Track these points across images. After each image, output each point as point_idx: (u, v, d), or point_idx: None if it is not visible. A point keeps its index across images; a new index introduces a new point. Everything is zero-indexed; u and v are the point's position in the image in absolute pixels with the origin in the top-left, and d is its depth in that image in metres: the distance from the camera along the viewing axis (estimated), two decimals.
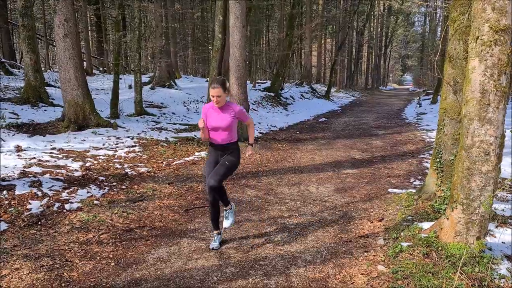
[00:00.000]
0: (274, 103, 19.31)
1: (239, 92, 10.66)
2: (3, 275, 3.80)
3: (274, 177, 7.70)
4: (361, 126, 15.19)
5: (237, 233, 4.99)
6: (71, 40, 9.51)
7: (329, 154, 9.91)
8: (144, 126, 11.39)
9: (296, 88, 25.03)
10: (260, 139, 11.63)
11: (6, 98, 11.46)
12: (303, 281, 3.85)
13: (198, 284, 3.79)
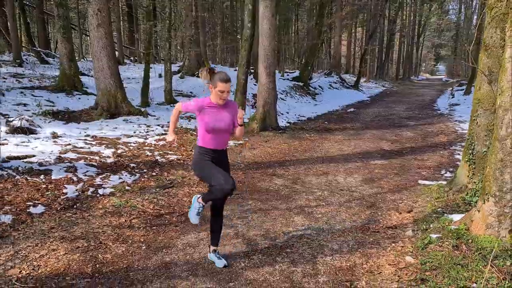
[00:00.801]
0: (302, 93, 19.21)
1: (267, 81, 10.67)
2: (41, 255, 3.98)
3: (301, 166, 7.71)
4: (391, 117, 14.95)
5: (265, 221, 5.05)
6: (104, 30, 9.72)
7: (357, 144, 9.82)
8: None
9: (325, 78, 24.80)
10: (288, 129, 11.64)
11: (42, 86, 11.85)
12: (330, 270, 3.87)
13: (226, 269, 3.86)
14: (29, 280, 3.57)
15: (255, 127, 10.83)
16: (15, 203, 5.02)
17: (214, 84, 3.63)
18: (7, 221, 4.58)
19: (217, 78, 3.62)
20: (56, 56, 18.43)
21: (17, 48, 16.08)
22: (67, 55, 11.70)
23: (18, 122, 7.76)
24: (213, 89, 3.64)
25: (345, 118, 14.84)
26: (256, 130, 10.75)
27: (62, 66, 11.90)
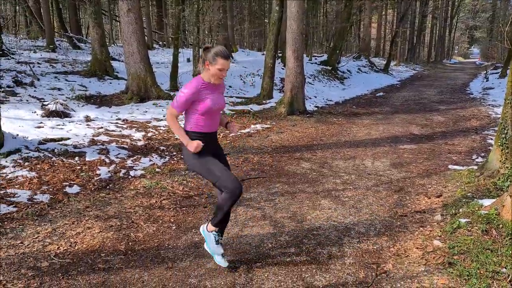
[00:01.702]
0: (330, 77, 19.00)
1: (295, 65, 10.62)
2: (77, 233, 4.17)
3: (329, 150, 7.70)
4: (421, 101, 14.64)
5: (292, 203, 5.10)
6: (134, 15, 9.86)
7: (386, 129, 9.70)
8: None
9: (354, 61, 24.42)
10: (315, 113, 11.58)
11: (75, 71, 12.16)
12: (356, 252, 3.91)
13: (254, 250, 3.95)
14: (66, 255, 3.75)
15: (283, 111, 10.83)
16: (52, 183, 5.24)
17: (213, 61, 3.15)
18: (45, 200, 4.80)
19: (216, 54, 3.14)
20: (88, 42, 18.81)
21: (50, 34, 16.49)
22: (99, 40, 11.94)
23: (53, 106, 8.02)
24: (211, 67, 3.17)
25: (373, 102, 14.63)
26: (284, 114, 10.75)
27: (93, 51, 12.16)
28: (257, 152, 7.40)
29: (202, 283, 3.38)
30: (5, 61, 11.83)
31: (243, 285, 3.36)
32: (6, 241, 3.92)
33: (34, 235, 4.07)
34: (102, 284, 3.34)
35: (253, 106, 11.53)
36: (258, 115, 10.54)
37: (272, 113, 11.02)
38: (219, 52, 3.16)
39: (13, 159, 5.71)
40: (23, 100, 8.69)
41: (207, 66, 3.19)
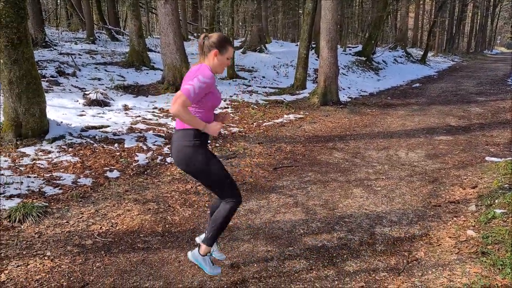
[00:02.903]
0: (365, 68, 18.75)
1: (329, 56, 10.57)
2: (118, 214, 4.39)
3: (362, 141, 7.68)
4: (459, 92, 14.25)
5: (324, 192, 5.16)
6: (170, 6, 10.06)
7: (421, 120, 9.55)
8: (235, 89, 11.83)
9: (389, 52, 23.95)
10: (349, 104, 11.51)
11: (114, 62, 12.55)
12: (388, 240, 3.94)
13: (286, 235, 4.05)
14: (108, 235, 3.97)
15: (316, 102, 10.83)
16: (94, 168, 5.51)
17: (223, 49, 2.90)
18: (88, 183, 5.06)
19: (226, 42, 2.92)
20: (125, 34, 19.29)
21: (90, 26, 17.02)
22: (136, 31, 12.26)
23: (94, 95, 8.35)
24: (219, 56, 2.90)
25: (409, 93, 14.37)
26: (317, 104, 10.74)
27: (131, 43, 12.50)
28: (289, 142, 7.48)
29: (235, 264, 3.51)
30: (48, 52, 12.34)
31: (275, 267, 3.46)
32: (53, 220, 4.18)
33: (78, 215, 4.32)
34: (141, 262, 3.53)
35: (286, 97, 11.58)
36: (291, 105, 10.58)
37: (305, 103, 11.04)
38: (228, 40, 2.95)
39: (57, 145, 6.03)
40: (66, 89, 9.08)
41: (214, 56, 2.88)
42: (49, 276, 3.28)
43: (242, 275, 3.35)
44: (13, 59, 5.60)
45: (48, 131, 6.21)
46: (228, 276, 3.33)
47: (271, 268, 3.44)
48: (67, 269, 3.39)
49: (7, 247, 3.65)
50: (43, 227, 4.04)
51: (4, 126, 5.94)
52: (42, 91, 6.14)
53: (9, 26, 5.50)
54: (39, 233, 3.92)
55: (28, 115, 5.89)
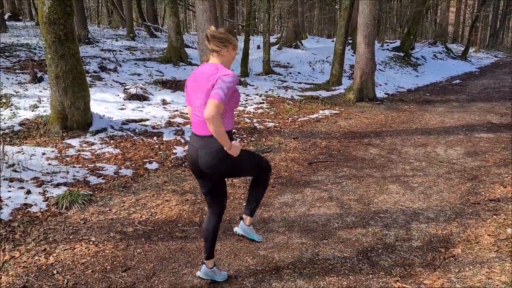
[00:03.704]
0: (402, 64, 18.38)
1: (366, 51, 10.45)
2: (157, 204, 4.55)
3: (398, 137, 7.58)
4: (502, 89, 13.76)
5: (359, 187, 5.15)
6: (208, 3, 10.19)
7: (461, 117, 9.31)
8: (271, 84, 11.89)
9: (429, 48, 23.34)
10: (385, 100, 11.35)
11: (152, 58, 12.86)
12: (424, 236, 3.91)
13: (320, 228, 4.09)
14: (148, 223, 4.13)
15: (352, 98, 10.74)
16: (134, 160, 5.71)
17: (235, 42, 2.73)
18: (129, 174, 5.26)
19: (234, 35, 2.73)
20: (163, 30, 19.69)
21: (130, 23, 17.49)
22: (174, 28, 12.51)
23: (134, 89, 8.61)
24: (232, 52, 2.73)
25: (449, 90, 13.99)
26: (352, 100, 10.65)
27: (169, 39, 12.77)
28: (325, 137, 7.47)
29: (270, 255, 3.58)
30: (90, 48, 12.79)
31: (310, 259, 3.51)
32: (97, 208, 4.38)
33: (120, 204, 4.51)
34: (179, 250, 3.66)
35: (321, 92, 11.54)
36: (327, 101, 10.54)
37: (341, 99, 10.97)
38: (235, 33, 2.76)
39: (100, 137, 6.28)
40: (108, 84, 9.41)
41: (229, 52, 2.70)
42: (94, 260, 3.46)
43: (276, 265, 3.41)
44: (60, 55, 5.87)
45: (91, 124, 6.48)
46: (263, 265, 3.41)
47: (306, 260, 3.50)
48: (110, 254, 3.56)
49: (55, 232, 3.87)
50: (88, 214, 4.24)
51: (51, 118, 6.24)
52: (87, 86, 6.40)
53: (56, 22, 5.76)
54: (84, 220, 4.12)
55: (74, 108, 6.16)
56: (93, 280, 3.18)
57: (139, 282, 3.17)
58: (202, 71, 2.69)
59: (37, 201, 4.29)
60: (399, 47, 19.97)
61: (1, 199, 4.18)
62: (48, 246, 3.62)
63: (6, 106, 7.02)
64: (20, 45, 12.29)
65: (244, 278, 3.23)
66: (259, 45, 17.19)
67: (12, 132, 6.08)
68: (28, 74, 8.90)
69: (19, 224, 3.89)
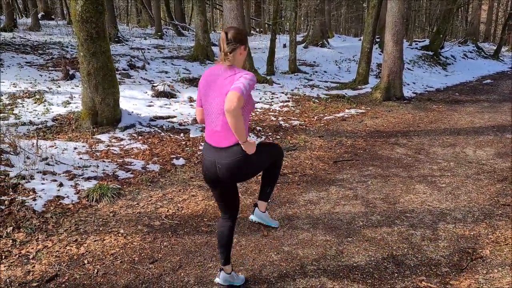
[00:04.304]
0: (431, 63, 18.03)
1: (394, 50, 10.32)
2: (183, 199, 4.64)
3: (426, 137, 7.46)
4: None
5: (384, 186, 5.11)
6: (235, 1, 10.27)
7: (492, 117, 9.08)
8: (297, 83, 11.88)
9: (459, 47, 22.81)
10: (413, 99, 11.18)
11: (180, 56, 13.04)
12: (451, 236, 3.85)
13: (345, 226, 4.08)
14: (174, 217, 4.21)
15: (378, 97, 10.62)
16: (161, 155, 5.82)
17: (247, 43, 2.68)
18: (156, 169, 5.37)
19: (246, 36, 2.68)
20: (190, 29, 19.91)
21: (158, 22, 17.77)
22: (202, 26, 12.65)
23: (162, 87, 8.76)
24: (244, 52, 2.63)
25: (479, 90, 13.66)
26: (379, 99, 10.54)
27: (197, 37, 12.92)
28: (350, 136, 7.43)
29: (294, 251, 3.60)
30: (120, 47, 13.07)
31: (334, 256, 3.52)
32: (126, 202, 4.50)
33: (147, 198, 4.61)
34: (205, 244, 3.72)
35: (347, 91, 11.46)
36: (353, 100, 10.47)
37: (367, 98, 10.87)
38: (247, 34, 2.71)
39: (129, 133, 6.42)
40: (136, 81, 9.60)
41: (241, 52, 2.60)
42: (123, 251, 3.56)
43: (301, 261, 3.43)
44: (92, 52, 6.04)
45: (120, 120, 6.63)
46: (287, 262, 3.43)
47: (330, 257, 3.50)
48: (138, 246, 3.65)
49: (86, 223, 4.00)
50: (117, 207, 4.36)
51: (82, 114, 6.42)
52: (116, 83, 6.55)
53: (88, 21, 5.93)
54: (114, 212, 4.24)
55: (104, 105, 6.33)
56: (122, 271, 3.28)
57: (166, 274, 3.25)
58: (217, 73, 2.55)
59: (69, 194, 4.43)
60: (428, 46, 19.60)
61: (35, 191, 4.34)
62: (79, 236, 3.75)
63: (40, 102, 7.26)
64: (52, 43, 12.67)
65: (269, 274, 3.26)
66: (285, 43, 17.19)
67: (45, 127, 6.29)
68: (60, 71, 9.17)
69: (51, 215, 4.04)
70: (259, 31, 25.47)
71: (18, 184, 4.36)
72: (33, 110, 6.90)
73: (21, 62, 10.01)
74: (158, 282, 3.14)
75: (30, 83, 8.29)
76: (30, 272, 3.22)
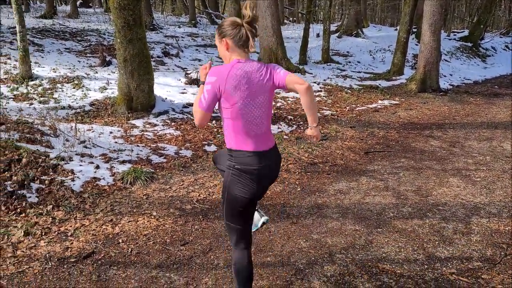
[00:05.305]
0: (470, 54, 17.44)
1: (431, 40, 10.06)
2: (214, 184, 4.72)
3: (462, 130, 7.27)
4: None
5: (417, 178, 5.04)
6: None
7: None
8: (329, 73, 11.77)
9: (500, 38, 21.94)
10: (449, 91, 10.88)
11: (213, 45, 13.12)
12: (485, 231, 3.77)
13: (375, 216, 4.06)
14: (205, 202, 4.29)
15: (413, 88, 10.40)
16: (194, 142, 5.92)
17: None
18: (188, 155, 5.47)
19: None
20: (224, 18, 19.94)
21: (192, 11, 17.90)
22: (235, 15, 12.66)
23: (195, 74, 8.86)
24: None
25: None
26: (414, 91, 10.32)
27: None
28: (383, 127, 7.33)
29: (323, 239, 3.62)
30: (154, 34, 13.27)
31: (363, 246, 3.51)
32: (159, 185, 4.62)
33: (180, 182, 4.72)
34: None
35: (381, 82, 11.26)
36: (387, 91, 10.28)
37: (402, 89, 10.65)
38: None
39: (162, 119, 6.56)
40: (170, 69, 9.74)
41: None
42: (155, 232, 3.68)
43: (329, 250, 3.45)
44: (128, 39, 6.17)
45: (154, 106, 6.77)
46: (316, 249, 3.45)
47: (359, 246, 3.50)
48: (170, 228, 3.76)
49: (121, 204, 4.13)
50: (150, 190, 4.48)
51: (118, 100, 6.59)
52: (151, 69, 6.68)
53: (126, 8, 6.05)
54: (147, 195, 4.36)
55: (139, 91, 6.47)
56: (154, 251, 3.39)
57: (196, 256, 3.33)
58: (248, 70, 2.24)
59: (104, 176, 4.59)
60: (467, 37, 18.94)
61: (74, 172, 4.52)
62: (114, 217, 3.89)
63: (78, 87, 7.49)
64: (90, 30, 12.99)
65: (297, 260, 3.30)
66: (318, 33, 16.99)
67: (83, 112, 6.50)
68: (97, 57, 9.42)
69: (89, 195, 4.20)
70: (292, 20, 25.26)
71: (58, 165, 4.54)
72: (72, 95, 7.13)
73: (61, 48, 10.33)
74: (188, 264, 3.23)
75: (69, 69, 8.55)
76: (69, 248, 3.37)
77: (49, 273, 3.06)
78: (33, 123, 5.45)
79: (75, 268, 3.13)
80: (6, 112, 5.96)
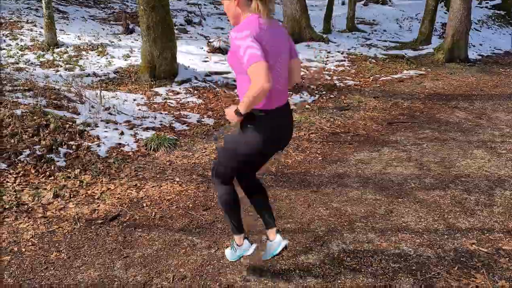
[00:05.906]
0: (502, 23, 16.73)
1: (461, 7, 9.70)
2: None
3: (489, 102, 7.09)
4: None
5: (440, 150, 4.97)
6: None
7: None
8: (354, 42, 11.52)
9: None
10: (478, 62, 10.54)
11: None
12: (508, 203, 3.73)
13: (396, 187, 4.05)
14: None
15: (441, 58, 10.11)
16: (216, 110, 5.96)
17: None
18: (210, 123, 5.52)
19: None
20: None
21: None
22: None
23: (217, 43, 8.83)
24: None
25: None
26: (441, 61, 10.03)
27: None
28: (407, 98, 7.20)
29: (343, 208, 3.65)
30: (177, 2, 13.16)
31: (383, 215, 3.53)
32: (181, 152, 4.70)
33: (202, 150, 4.79)
34: None
35: (407, 51, 10.97)
36: (412, 61, 10.03)
37: (429, 59, 10.37)
38: None
39: (185, 87, 6.59)
40: (193, 37, 9.72)
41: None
42: (178, 198, 3.77)
43: (349, 218, 3.48)
44: (151, 6, 6.15)
45: (177, 74, 6.80)
46: (336, 217, 3.49)
47: (378, 216, 3.52)
48: (193, 194, 3.85)
49: (144, 170, 4.24)
50: (173, 157, 4.57)
51: (141, 67, 6.65)
52: (174, 37, 6.68)
53: None
54: (170, 162, 4.45)
55: (162, 59, 6.50)
56: (177, 215, 3.49)
57: (218, 221, 3.42)
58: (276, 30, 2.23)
59: (129, 142, 4.69)
60: (500, 5, 18.12)
61: (99, 137, 4.63)
62: (138, 182, 3.99)
63: (102, 55, 7.57)
64: None
65: (316, 227, 3.35)
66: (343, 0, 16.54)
67: (108, 79, 6.59)
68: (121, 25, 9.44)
69: (114, 160, 4.31)
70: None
71: (84, 130, 4.66)
72: (96, 62, 7.22)
73: (85, 15, 10.38)
74: (210, 228, 3.32)
75: (93, 36, 8.62)
76: (96, 210, 3.50)
77: (78, 233, 3.20)
78: (59, 90, 5.56)
79: (102, 229, 3.26)
80: (33, 79, 6.10)
